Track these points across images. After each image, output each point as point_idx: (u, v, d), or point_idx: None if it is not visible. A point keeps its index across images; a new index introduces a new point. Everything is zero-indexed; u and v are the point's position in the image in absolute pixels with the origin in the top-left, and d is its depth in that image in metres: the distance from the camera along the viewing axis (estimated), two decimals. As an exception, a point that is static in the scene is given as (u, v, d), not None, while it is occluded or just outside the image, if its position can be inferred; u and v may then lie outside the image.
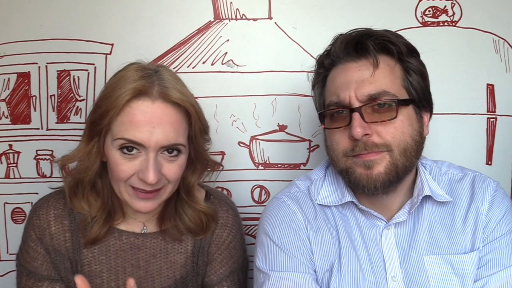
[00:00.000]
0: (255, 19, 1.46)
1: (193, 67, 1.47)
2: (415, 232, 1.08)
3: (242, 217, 1.31)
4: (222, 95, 1.47)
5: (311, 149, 1.50)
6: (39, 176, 1.50)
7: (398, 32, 1.13)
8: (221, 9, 1.46)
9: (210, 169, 1.23)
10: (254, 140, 1.49)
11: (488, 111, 1.46)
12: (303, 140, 1.49)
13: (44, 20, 1.46)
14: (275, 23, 1.46)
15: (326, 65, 1.11)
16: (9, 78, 1.48)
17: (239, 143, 1.49)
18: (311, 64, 1.20)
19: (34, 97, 1.48)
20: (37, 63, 1.47)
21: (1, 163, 1.50)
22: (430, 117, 1.13)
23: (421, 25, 1.45)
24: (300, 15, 1.46)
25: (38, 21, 1.46)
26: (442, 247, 1.07)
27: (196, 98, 1.13)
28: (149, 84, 1.04)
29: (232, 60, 1.47)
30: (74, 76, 1.48)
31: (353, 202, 1.10)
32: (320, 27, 1.45)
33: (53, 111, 1.48)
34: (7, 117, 1.49)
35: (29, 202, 1.50)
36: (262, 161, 1.50)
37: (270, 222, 1.12)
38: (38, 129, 1.49)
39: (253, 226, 1.50)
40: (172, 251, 1.19)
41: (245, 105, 1.48)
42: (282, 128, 1.49)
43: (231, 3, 1.46)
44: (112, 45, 1.46)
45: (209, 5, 1.46)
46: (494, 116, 1.46)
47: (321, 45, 1.14)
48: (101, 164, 1.11)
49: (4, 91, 1.48)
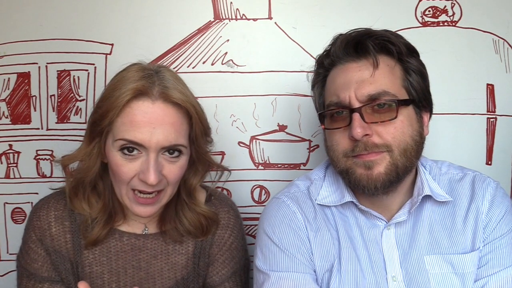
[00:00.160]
0: (255, 19, 1.46)
1: (193, 67, 1.47)
2: (415, 232, 1.08)
3: (242, 217, 1.30)
4: (222, 95, 1.47)
5: (311, 149, 1.50)
6: (39, 176, 1.50)
7: (398, 32, 1.13)
8: (221, 9, 1.46)
9: (220, 169, 1.24)
10: (254, 140, 1.49)
11: (488, 111, 1.46)
12: (303, 140, 1.49)
13: (44, 20, 1.45)
14: (275, 23, 1.46)
15: (326, 65, 1.11)
16: (9, 78, 1.48)
17: (239, 143, 1.49)
18: (311, 64, 1.20)
19: (34, 97, 1.48)
20: (37, 63, 1.47)
21: (1, 163, 1.50)
22: (430, 117, 1.13)
23: (421, 25, 1.45)
24: (300, 15, 1.45)
25: (38, 21, 1.45)
26: (443, 247, 1.07)
27: (196, 98, 1.13)
28: (149, 85, 1.03)
29: (232, 60, 1.47)
30: (74, 76, 1.47)
31: (353, 202, 1.10)
32: (320, 27, 1.45)
33: (53, 111, 1.48)
34: (7, 117, 1.48)
35: (29, 202, 1.50)
36: (262, 161, 1.50)
37: (270, 222, 1.12)
38: (38, 129, 1.49)
39: (253, 226, 1.50)
40: (173, 252, 1.19)
41: (245, 105, 1.48)
42: (282, 128, 1.49)
43: (231, 3, 1.46)
44: (112, 45, 1.46)
45: (209, 5, 1.46)
46: (494, 116, 1.46)
47: (321, 45, 1.14)
48: (103, 165, 1.11)
49: (4, 91, 1.48)
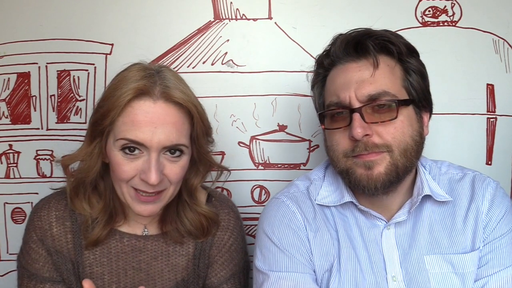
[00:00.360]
0: (255, 19, 1.46)
1: (193, 67, 1.47)
2: (415, 232, 1.08)
3: (242, 217, 1.30)
4: (222, 95, 1.47)
5: (311, 149, 1.50)
6: (39, 176, 1.50)
7: (398, 32, 1.13)
8: (221, 9, 1.46)
9: (220, 169, 1.23)
10: (254, 140, 1.49)
11: (488, 111, 1.46)
12: (303, 140, 1.49)
13: (44, 20, 1.45)
14: (275, 23, 1.46)
15: (326, 65, 1.11)
16: (9, 78, 1.47)
17: (239, 143, 1.49)
18: (311, 64, 1.20)
19: (34, 97, 1.48)
20: (37, 63, 1.47)
21: (1, 163, 1.50)
22: (430, 117, 1.13)
23: (421, 25, 1.45)
24: (300, 15, 1.45)
25: (38, 21, 1.45)
26: (443, 246, 1.07)
27: (197, 98, 1.12)
28: (150, 84, 1.03)
29: (232, 60, 1.47)
30: (74, 76, 1.47)
31: (352, 202, 1.10)
32: (320, 27, 1.45)
33: (53, 111, 1.48)
34: (7, 117, 1.48)
35: (29, 202, 1.50)
36: (262, 161, 1.50)
37: (269, 223, 1.12)
38: (38, 129, 1.49)
39: (253, 226, 1.50)
40: (174, 253, 1.19)
41: (245, 105, 1.48)
42: (282, 128, 1.49)
43: (231, 3, 1.46)
44: (112, 45, 1.46)
45: (209, 5, 1.46)
46: (494, 116, 1.46)
47: (321, 45, 1.14)
48: (103, 165, 1.11)
49: (4, 91, 1.48)
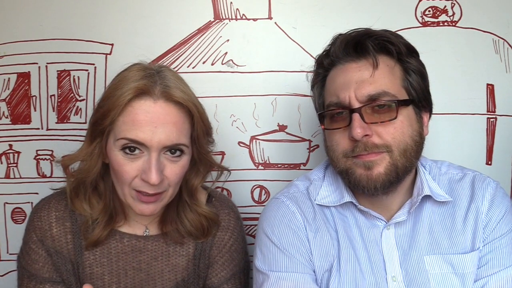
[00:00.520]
0: (255, 19, 1.46)
1: (193, 67, 1.47)
2: (415, 232, 1.08)
3: (242, 217, 1.30)
4: (222, 95, 1.47)
5: (311, 149, 1.49)
6: (39, 176, 1.50)
7: (398, 32, 1.13)
8: (221, 9, 1.46)
9: (220, 169, 1.23)
10: (254, 140, 1.49)
11: (488, 111, 1.45)
12: (303, 140, 1.49)
13: (44, 20, 1.45)
14: (275, 23, 1.46)
15: (326, 65, 1.11)
16: (9, 78, 1.47)
17: (239, 143, 1.49)
18: (311, 64, 1.20)
19: (34, 97, 1.48)
20: (37, 63, 1.47)
21: (1, 163, 1.50)
22: (430, 117, 1.13)
23: (421, 25, 1.45)
24: (300, 15, 1.45)
25: (38, 21, 1.45)
26: (442, 247, 1.07)
27: (197, 97, 1.12)
28: (151, 84, 1.03)
29: (232, 60, 1.47)
30: (74, 76, 1.47)
31: (352, 202, 1.10)
32: (320, 27, 1.45)
33: (53, 111, 1.48)
34: (7, 117, 1.48)
35: (29, 202, 1.50)
36: (262, 161, 1.50)
37: (269, 223, 1.12)
38: (38, 129, 1.49)
39: (253, 226, 1.50)
40: (174, 254, 1.19)
41: (245, 105, 1.48)
42: (282, 128, 1.49)
43: (231, 3, 1.46)
44: (112, 45, 1.46)
45: (209, 5, 1.46)
46: (494, 116, 1.46)
47: (321, 45, 1.14)
48: (104, 166, 1.11)
49: (4, 91, 1.48)
